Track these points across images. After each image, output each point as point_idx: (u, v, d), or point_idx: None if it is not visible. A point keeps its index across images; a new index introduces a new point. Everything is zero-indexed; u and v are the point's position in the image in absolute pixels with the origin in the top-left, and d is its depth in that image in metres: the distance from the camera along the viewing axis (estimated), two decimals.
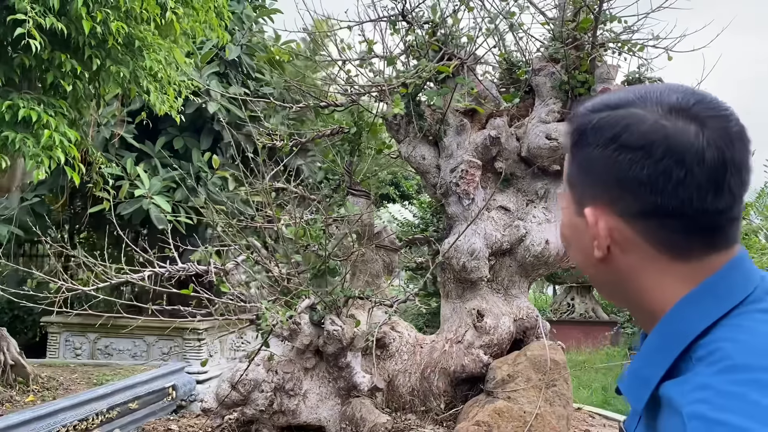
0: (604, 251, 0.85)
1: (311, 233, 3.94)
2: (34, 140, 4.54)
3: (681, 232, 0.81)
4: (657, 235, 0.82)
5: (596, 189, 0.85)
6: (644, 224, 0.82)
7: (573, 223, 0.91)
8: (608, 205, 0.84)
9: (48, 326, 9.96)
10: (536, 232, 4.29)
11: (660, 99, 0.83)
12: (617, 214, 0.83)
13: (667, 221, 0.81)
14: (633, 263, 0.85)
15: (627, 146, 0.81)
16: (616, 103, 0.85)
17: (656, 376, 0.81)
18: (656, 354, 0.83)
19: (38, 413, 5.45)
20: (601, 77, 4.21)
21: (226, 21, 6.51)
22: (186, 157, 9.44)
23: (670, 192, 0.79)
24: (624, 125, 0.82)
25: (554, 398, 4.12)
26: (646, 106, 0.82)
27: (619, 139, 0.82)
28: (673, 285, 0.83)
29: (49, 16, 4.37)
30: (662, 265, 0.83)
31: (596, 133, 0.84)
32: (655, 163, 0.79)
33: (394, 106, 3.88)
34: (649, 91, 0.85)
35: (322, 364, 4.13)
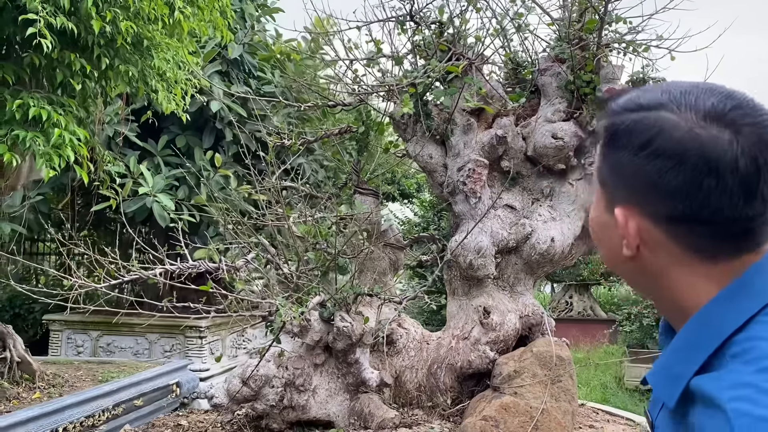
0: (633, 251, 0.86)
1: (321, 231, 3.99)
2: (44, 139, 4.57)
3: (710, 238, 0.81)
4: (686, 239, 0.83)
5: (626, 191, 0.85)
6: (674, 228, 0.82)
7: (603, 220, 0.92)
8: (638, 207, 0.84)
9: (50, 324, 9.98)
10: (542, 230, 4.34)
11: (695, 104, 0.82)
12: (647, 216, 0.84)
13: (696, 227, 0.81)
14: (662, 263, 0.85)
15: (659, 153, 0.80)
16: (648, 103, 0.84)
17: (689, 373, 0.81)
18: (689, 351, 0.83)
19: (45, 410, 5.50)
20: (606, 77, 4.26)
21: (230, 20, 6.55)
22: (188, 156, 9.47)
23: (702, 201, 0.79)
24: (657, 131, 0.81)
25: (560, 394, 4.18)
26: (680, 111, 0.81)
27: (651, 146, 0.81)
28: (703, 284, 0.84)
29: (59, 16, 4.40)
30: (691, 266, 0.84)
31: (628, 136, 0.84)
32: (687, 171, 0.79)
33: (403, 105, 3.93)
34: (684, 92, 0.84)
35: (331, 360, 4.18)
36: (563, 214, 4.42)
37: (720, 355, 0.80)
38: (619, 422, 4.82)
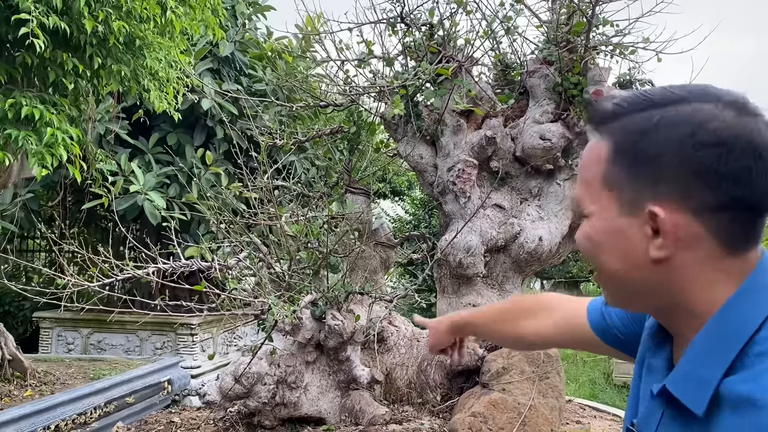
0: (668, 250, 0.85)
1: (312, 230, 4.04)
2: (37, 138, 4.59)
3: (750, 224, 0.84)
4: (726, 229, 0.83)
5: (661, 186, 0.84)
6: (717, 218, 0.83)
7: (614, 226, 0.89)
8: (678, 202, 0.83)
9: (40, 321, 9.97)
10: (530, 229, 4.41)
11: (717, 96, 0.85)
12: (689, 209, 0.83)
13: (740, 214, 0.83)
14: (690, 260, 0.85)
15: (706, 142, 0.82)
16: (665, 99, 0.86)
17: (716, 377, 0.81)
18: (712, 354, 0.83)
19: (38, 407, 5.53)
20: (593, 79, 4.33)
21: (221, 18, 6.57)
22: (179, 153, 9.48)
23: (751, 184, 0.81)
24: (699, 121, 0.83)
25: (547, 390, 4.26)
26: (706, 102, 0.84)
27: (697, 135, 0.82)
28: (723, 281, 0.85)
29: (52, 16, 4.42)
30: (717, 261, 0.85)
31: (666, 129, 0.84)
32: (737, 157, 0.81)
33: (394, 106, 3.99)
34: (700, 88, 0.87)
35: (322, 357, 4.24)
36: (551, 214, 4.49)
37: (743, 355, 0.80)
38: (606, 418, 4.91)
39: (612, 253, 0.90)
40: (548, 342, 1.44)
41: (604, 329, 1.25)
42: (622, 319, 1.21)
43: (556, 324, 1.39)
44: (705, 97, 0.85)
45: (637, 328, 1.15)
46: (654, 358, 0.99)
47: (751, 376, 0.78)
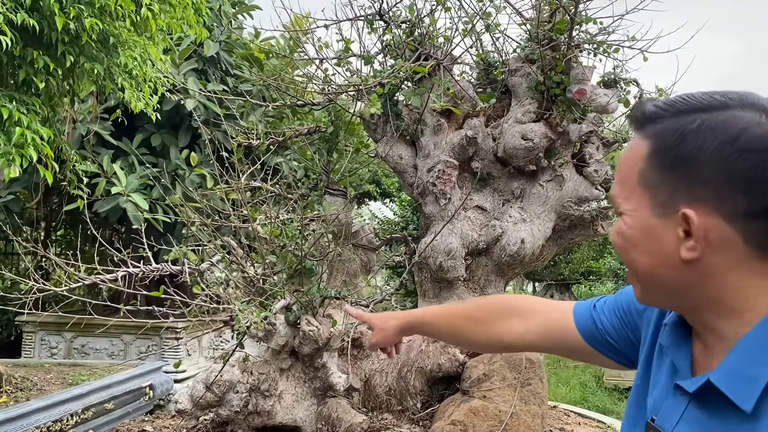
0: (698, 252, 0.86)
1: (287, 233, 3.92)
2: (6, 138, 4.46)
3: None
4: (758, 236, 0.84)
5: (697, 190, 0.86)
6: (749, 224, 0.84)
7: (647, 225, 0.91)
8: (712, 206, 0.85)
9: (23, 325, 9.82)
10: (512, 231, 4.30)
11: (756, 103, 0.86)
12: (722, 214, 0.85)
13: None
14: (722, 263, 0.87)
15: (746, 149, 0.83)
16: (708, 104, 0.88)
17: (766, 375, 0.82)
18: (763, 353, 0.84)
19: (10, 414, 5.37)
20: (576, 78, 4.23)
21: (204, 17, 6.45)
22: (164, 155, 9.35)
23: None
24: (741, 128, 0.84)
25: (529, 397, 4.15)
26: (749, 110, 0.85)
27: (737, 142, 0.83)
28: (759, 284, 0.86)
29: (20, 12, 4.30)
30: (750, 265, 0.86)
31: (705, 134, 0.85)
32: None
33: (371, 105, 3.87)
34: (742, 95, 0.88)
35: (298, 364, 4.12)
36: (534, 216, 4.38)
37: None
38: (590, 425, 4.80)
39: (643, 250, 0.93)
40: (528, 345, 1.40)
41: (593, 333, 1.25)
42: (613, 324, 1.22)
43: (537, 327, 1.36)
44: (747, 104, 0.86)
45: (628, 333, 1.19)
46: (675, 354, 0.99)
47: None
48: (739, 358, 0.87)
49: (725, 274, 0.87)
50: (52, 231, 11.67)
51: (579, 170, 4.44)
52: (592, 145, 4.37)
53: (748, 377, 0.84)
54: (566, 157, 4.42)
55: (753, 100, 0.86)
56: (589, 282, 15.42)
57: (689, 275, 0.89)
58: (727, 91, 0.89)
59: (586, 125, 4.26)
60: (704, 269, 0.88)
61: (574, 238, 4.75)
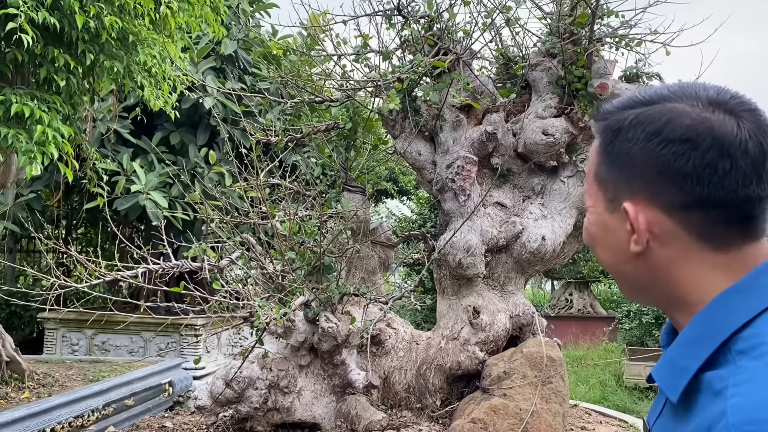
0: (643, 245, 0.86)
1: (306, 230, 3.91)
2: (27, 136, 4.50)
3: (723, 222, 0.83)
4: (699, 226, 0.84)
5: (635, 184, 0.86)
6: (687, 216, 0.84)
7: (602, 220, 0.92)
8: (649, 199, 0.85)
9: (45, 322, 9.92)
10: (532, 228, 4.26)
11: (697, 93, 0.85)
12: (659, 207, 0.85)
13: (710, 212, 0.83)
14: (672, 256, 0.86)
15: (671, 139, 0.83)
16: (650, 98, 0.88)
17: (693, 367, 0.82)
18: (694, 345, 0.84)
19: (33, 410, 5.43)
20: (598, 72, 4.17)
21: (222, 16, 6.46)
22: (182, 153, 9.40)
23: (717, 183, 0.81)
24: (667, 119, 0.84)
25: (550, 395, 4.10)
26: (685, 100, 0.85)
27: (662, 133, 0.84)
28: (712, 276, 0.85)
29: (41, 11, 4.33)
30: (702, 256, 0.85)
31: (635, 128, 0.86)
32: (701, 155, 0.81)
33: (389, 101, 3.85)
34: (684, 87, 0.88)
35: (317, 361, 4.11)
36: (554, 212, 4.33)
37: (725, 350, 0.80)
38: (612, 424, 4.74)
39: (603, 246, 0.94)
40: None
41: None
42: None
43: None
44: (687, 95, 0.86)
45: None
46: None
47: (725, 372, 0.78)
48: (674, 349, 0.87)
49: (675, 267, 0.87)
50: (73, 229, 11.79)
51: None
52: None
53: (677, 368, 0.85)
54: (588, 153, 4.37)
55: (693, 91, 0.86)
56: (608, 280, 15.27)
57: (644, 269, 0.89)
58: (678, 83, 0.90)
59: None
60: (654, 263, 0.88)
61: None
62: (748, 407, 0.72)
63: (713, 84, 0.88)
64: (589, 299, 15.09)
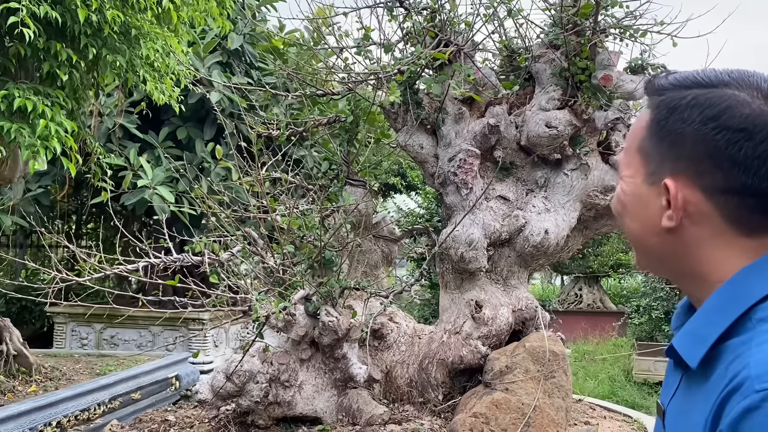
0: (677, 222, 0.90)
1: (307, 223, 3.90)
2: (30, 130, 4.51)
3: (761, 212, 0.86)
4: (736, 212, 0.87)
5: (680, 162, 0.89)
6: (725, 200, 0.87)
7: (638, 191, 0.95)
8: (691, 179, 0.88)
9: (54, 316, 10.00)
10: (535, 221, 4.22)
11: (759, 84, 0.87)
12: (699, 188, 0.87)
13: (749, 200, 0.85)
14: (702, 235, 0.89)
15: (728, 127, 0.85)
16: (709, 81, 0.89)
17: (714, 334, 0.84)
18: (715, 314, 0.86)
19: (39, 403, 5.46)
20: (602, 64, 4.12)
21: (228, 10, 6.44)
22: (189, 148, 9.41)
23: (763, 174, 0.84)
24: (726, 106, 0.86)
25: (553, 390, 4.07)
26: (745, 89, 0.87)
27: (720, 119, 0.86)
28: (737, 258, 0.88)
29: (43, 5, 4.33)
30: (730, 239, 0.88)
31: (692, 109, 0.88)
32: (754, 146, 0.84)
33: (389, 93, 3.82)
34: (744, 74, 0.89)
35: (318, 355, 4.10)
36: (558, 206, 4.29)
37: (746, 319, 0.83)
38: (617, 418, 4.70)
39: (634, 216, 0.96)
40: None
41: None
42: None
43: None
44: (746, 84, 0.88)
45: None
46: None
47: (747, 338, 0.81)
48: (695, 320, 0.90)
49: (703, 246, 0.90)
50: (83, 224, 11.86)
51: (605, 159, 4.34)
52: (619, 133, 4.26)
53: (698, 336, 0.87)
54: (592, 145, 4.32)
55: (755, 81, 0.88)
56: (618, 275, 15.17)
57: (671, 244, 0.92)
58: (739, 70, 0.91)
59: (612, 112, 4.15)
60: (684, 239, 0.91)
61: (600, 228, 4.65)
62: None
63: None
64: (599, 294, 15.00)
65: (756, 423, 0.73)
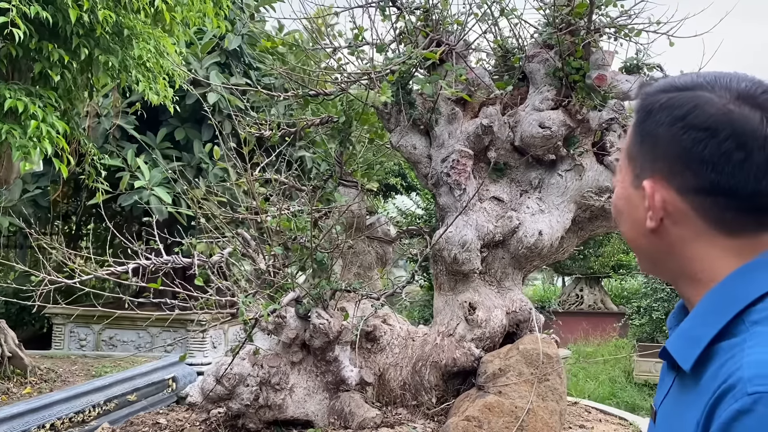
0: (657, 222, 0.91)
1: (297, 225, 3.86)
2: (21, 131, 4.48)
3: (733, 211, 0.86)
4: (710, 212, 0.87)
5: (656, 164, 0.91)
6: (699, 200, 0.87)
7: (628, 194, 0.97)
8: (666, 179, 0.89)
9: (53, 318, 9.98)
10: (529, 223, 4.17)
11: (729, 85, 0.88)
12: (674, 188, 0.89)
13: (720, 199, 0.86)
14: (683, 235, 0.90)
15: (693, 126, 0.86)
16: (684, 85, 0.91)
17: (708, 336, 0.85)
18: (708, 316, 0.87)
19: (32, 405, 5.42)
20: (596, 63, 4.08)
21: (225, 10, 6.41)
22: (187, 149, 9.39)
23: (729, 172, 0.84)
24: (692, 106, 0.87)
25: (547, 393, 4.02)
26: (715, 90, 0.88)
27: (686, 119, 0.87)
28: (722, 258, 0.88)
29: (34, 5, 4.30)
30: (711, 239, 0.89)
31: (663, 111, 0.90)
32: (718, 144, 0.84)
33: (381, 93, 3.78)
34: (719, 77, 0.90)
35: (309, 357, 4.06)
36: (552, 207, 4.25)
37: (739, 321, 0.83)
38: (612, 422, 4.65)
39: (627, 219, 0.98)
40: None
41: None
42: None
43: None
44: (719, 85, 0.89)
45: None
46: None
47: (740, 340, 0.81)
48: (688, 321, 0.90)
49: (687, 247, 0.90)
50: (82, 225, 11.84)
51: (599, 159, 4.29)
52: (614, 133, 4.22)
53: (691, 338, 0.87)
54: (586, 146, 4.28)
55: (726, 82, 0.88)
56: (619, 276, 15.11)
57: (658, 245, 0.93)
58: (719, 72, 0.92)
59: (606, 112, 4.11)
60: (668, 240, 0.91)
61: (595, 229, 4.61)
62: (762, 363, 0.75)
63: (751, 77, 0.90)
64: (600, 295, 14.95)
65: (747, 426, 0.73)
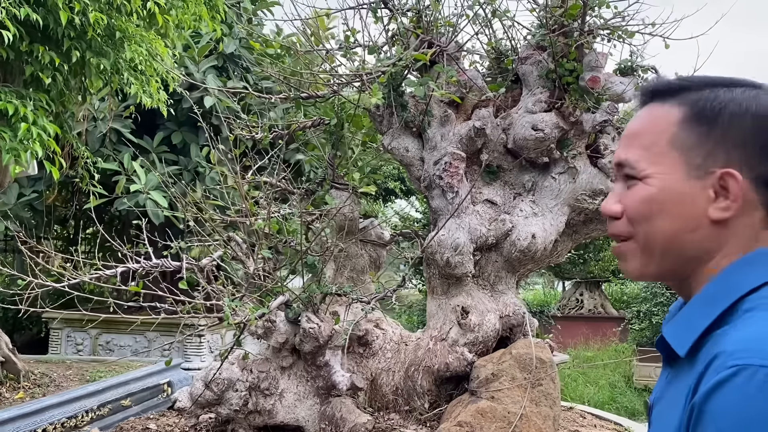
0: (735, 211, 0.91)
1: (287, 228, 3.82)
2: (12, 134, 4.46)
3: None
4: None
5: (732, 154, 0.92)
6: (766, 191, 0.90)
7: (677, 187, 0.94)
8: (743, 169, 0.91)
9: (50, 322, 9.95)
10: (522, 226, 4.13)
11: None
12: (750, 178, 0.91)
13: None
14: (743, 225, 0.92)
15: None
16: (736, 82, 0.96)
17: (703, 324, 0.88)
18: (705, 305, 0.90)
19: (24, 411, 5.39)
20: (589, 65, 4.04)
21: (221, 14, 6.39)
22: (184, 152, 9.37)
23: None
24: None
25: (540, 398, 3.98)
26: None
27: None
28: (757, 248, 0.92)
29: (24, 7, 4.28)
30: (758, 232, 0.92)
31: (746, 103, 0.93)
32: None
33: (371, 95, 3.74)
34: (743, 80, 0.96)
35: (299, 362, 4.02)
36: (546, 210, 4.21)
37: (734, 311, 0.86)
38: (607, 427, 4.60)
39: (672, 214, 0.94)
40: None
41: None
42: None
43: None
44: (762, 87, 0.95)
45: None
46: None
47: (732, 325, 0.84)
48: (687, 310, 0.93)
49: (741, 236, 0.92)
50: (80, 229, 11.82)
51: (593, 162, 4.25)
52: (607, 136, 4.18)
53: (689, 325, 0.90)
54: (580, 149, 4.24)
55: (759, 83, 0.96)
56: (619, 280, 15.06)
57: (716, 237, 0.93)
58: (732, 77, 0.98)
59: (600, 114, 4.07)
60: (727, 230, 0.92)
61: (590, 232, 4.56)
62: (746, 339, 0.78)
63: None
64: (600, 299, 14.89)
65: (725, 396, 0.75)
